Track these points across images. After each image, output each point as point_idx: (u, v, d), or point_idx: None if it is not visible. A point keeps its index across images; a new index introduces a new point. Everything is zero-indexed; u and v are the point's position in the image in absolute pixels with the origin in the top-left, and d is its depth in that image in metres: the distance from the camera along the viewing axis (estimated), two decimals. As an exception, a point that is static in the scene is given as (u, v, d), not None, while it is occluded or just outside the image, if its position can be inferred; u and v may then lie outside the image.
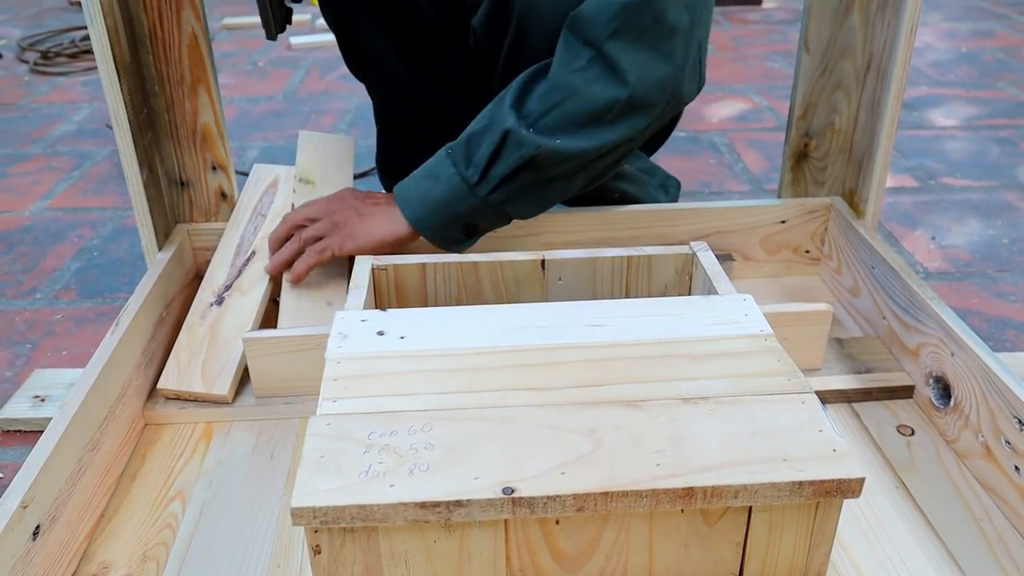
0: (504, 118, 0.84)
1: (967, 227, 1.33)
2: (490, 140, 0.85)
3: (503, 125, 0.84)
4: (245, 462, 0.81)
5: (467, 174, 0.86)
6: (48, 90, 2.05)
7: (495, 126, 0.85)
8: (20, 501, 0.62)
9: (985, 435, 0.76)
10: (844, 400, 0.88)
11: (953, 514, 0.74)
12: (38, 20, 2.67)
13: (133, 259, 1.26)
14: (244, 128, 1.78)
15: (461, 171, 0.86)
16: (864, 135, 1.02)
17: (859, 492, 0.54)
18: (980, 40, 2.32)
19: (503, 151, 0.85)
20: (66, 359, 1.03)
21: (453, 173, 0.86)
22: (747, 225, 1.07)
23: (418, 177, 0.89)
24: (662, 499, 0.53)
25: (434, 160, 0.89)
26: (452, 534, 0.55)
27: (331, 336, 0.69)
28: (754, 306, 0.72)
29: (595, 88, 0.82)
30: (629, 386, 0.62)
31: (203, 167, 1.02)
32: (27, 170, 1.60)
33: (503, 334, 0.68)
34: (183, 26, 0.94)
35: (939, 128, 1.73)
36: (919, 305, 0.86)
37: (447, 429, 0.58)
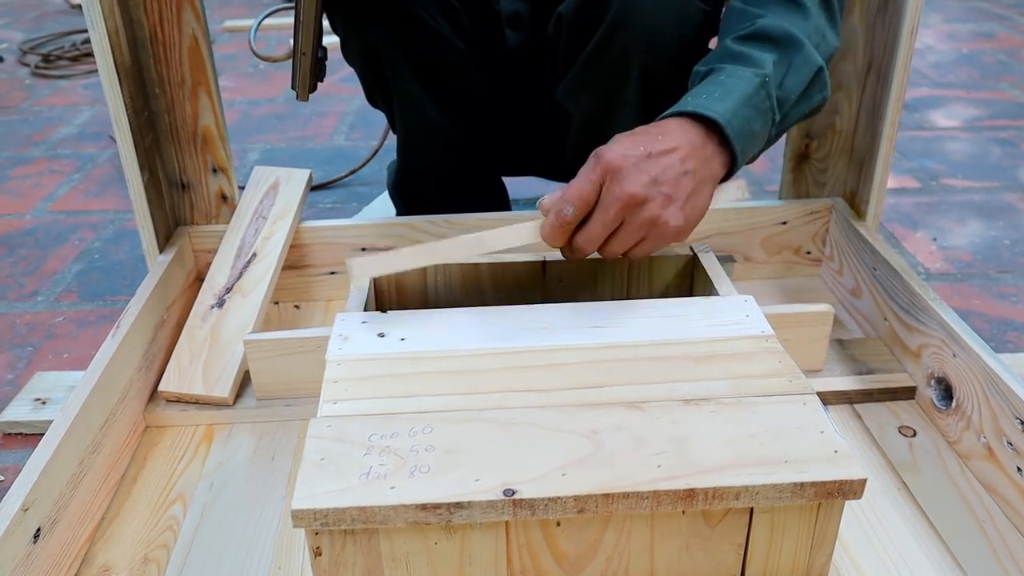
0: (813, 54, 0.77)
1: (968, 228, 1.33)
2: (801, 75, 0.77)
3: (816, 62, 0.77)
4: (246, 464, 0.81)
5: (776, 111, 0.76)
6: (49, 93, 2.06)
7: (806, 59, 0.77)
8: (21, 504, 0.62)
9: (987, 436, 0.75)
10: (845, 401, 0.88)
11: (955, 515, 0.73)
12: (39, 23, 2.67)
13: (134, 261, 1.26)
14: (245, 131, 1.78)
15: (773, 104, 0.75)
16: (865, 136, 1.02)
17: (861, 493, 0.54)
18: (981, 41, 2.32)
19: (810, 90, 0.78)
20: (67, 362, 1.03)
21: (768, 107, 0.75)
22: (748, 226, 1.07)
23: (740, 104, 0.72)
24: (663, 501, 0.53)
25: (749, 85, 0.74)
26: (453, 536, 0.55)
27: (332, 338, 0.68)
28: (755, 307, 0.72)
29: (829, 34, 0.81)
30: (630, 387, 0.62)
31: (204, 169, 1.02)
32: (28, 173, 1.60)
33: (504, 336, 0.68)
34: (184, 28, 0.94)
35: (940, 129, 1.73)
36: (920, 306, 0.86)
37: (448, 431, 0.58)
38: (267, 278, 0.95)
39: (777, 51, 0.76)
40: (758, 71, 0.74)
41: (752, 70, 0.74)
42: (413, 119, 1.05)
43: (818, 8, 0.81)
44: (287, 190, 1.05)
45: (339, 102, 1.94)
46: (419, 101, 1.02)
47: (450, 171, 1.10)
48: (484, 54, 1.04)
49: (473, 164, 1.12)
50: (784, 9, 0.79)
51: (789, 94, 0.77)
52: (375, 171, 1.52)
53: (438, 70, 1.00)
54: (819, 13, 0.81)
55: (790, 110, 0.78)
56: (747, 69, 0.75)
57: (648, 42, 0.88)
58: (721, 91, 0.73)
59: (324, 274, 1.06)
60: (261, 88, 2.06)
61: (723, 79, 0.74)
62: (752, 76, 0.74)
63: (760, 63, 0.75)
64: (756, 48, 0.76)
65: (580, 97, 0.97)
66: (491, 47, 1.05)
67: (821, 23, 0.80)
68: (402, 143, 1.10)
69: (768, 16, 0.78)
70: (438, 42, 0.98)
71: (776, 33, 0.77)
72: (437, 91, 1.02)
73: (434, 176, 1.11)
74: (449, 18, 0.98)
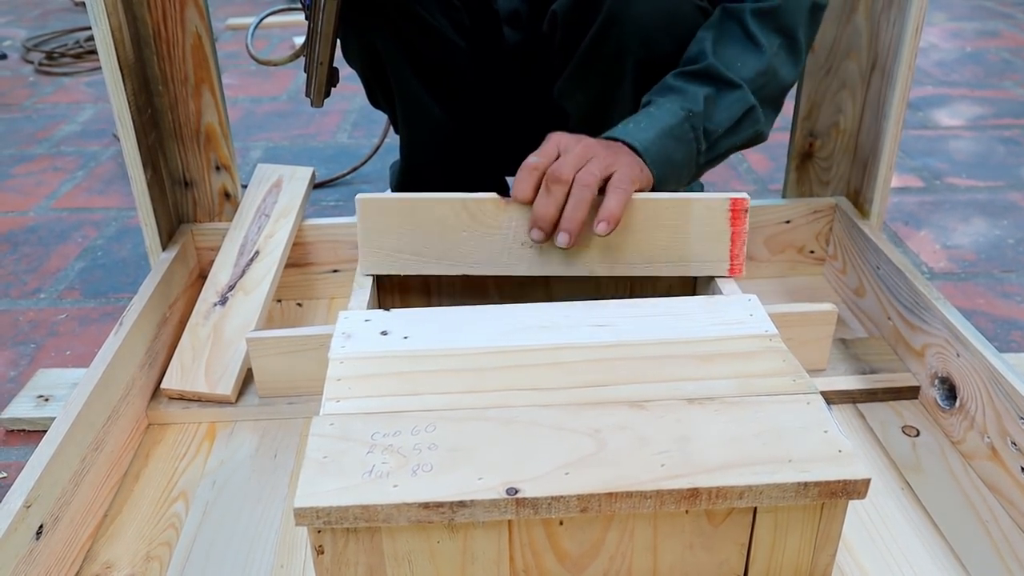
0: (747, 95, 0.84)
1: (972, 227, 1.32)
2: (732, 112, 0.84)
3: (748, 101, 0.84)
4: (248, 462, 0.81)
5: (701, 141, 0.83)
6: (52, 90, 2.06)
7: (738, 98, 0.84)
8: (24, 500, 0.62)
9: (991, 436, 0.75)
10: (849, 401, 0.87)
11: (958, 515, 0.73)
12: (43, 21, 2.67)
13: (137, 259, 1.26)
14: (248, 128, 1.78)
15: (699, 137, 0.83)
16: (869, 135, 1.02)
17: (865, 493, 0.54)
18: (985, 40, 2.32)
19: (740, 125, 0.85)
20: (70, 359, 1.04)
21: (691, 139, 0.83)
22: (752, 225, 1.07)
23: (660, 135, 0.81)
24: (667, 500, 0.53)
25: (673, 117, 0.82)
26: (455, 535, 0.55)
27: (334, 336, 0.68)
28: (759, 306, 0.72)
29: (785, 70, 0.87)
30: (633, 386, 0.62)
31: (207, 167, 1.02)
32: (31, 170, 1.60)
33: (507, 334, 0.68)
34: (187, 26, 0.94)
35: (944, 128, 1.73)
36: (924, 305, 0.86)
37: (451, 429, 0.57)
38: (270, 276, 0.95)
39: (712, 87, 0.84)
40: (685, 105, 0.82)
41: (680, 103, 0.82)
42: (415, 118, 1.05)
43: (777, 45, 0.87)
44: (290, 188, 1.05)
45: (341, 100, 1.94)
46: (421, 100, 1.02)
47: (453, 169, 1.10)
48: (484, 53, 1.04)
49: (475, 162, 1.12)
50: (740, 47, 0.86)
51: (717, 127, 0.84)
52: (378, 169, 1.52)
53: (439, 69, 1.00)
54: (777, 50, 0.87)
55: (718, 140, 0.85)
56: (676, 103, 0.82)
57: (642, 38, 0.88)
58: (647, 122, 0.82)
59: (327, 272, 1.06)
60: (264, 86, 2.06)
61: (652, 111, 0.83)
62: (678, 109, 0.82)
63: (692, 97, 0.83)
64: (692, 84, 0.84)
65: (576, 94, 0.98)
66: (490, 46, 1.05)
67: (776, 61, 0.87)
68: (404, 142, 1.10)
69: (716, 58, 0.85)
70: (439, 41, 0.97)
71: (715, 73, 0.84)
72: (438, 90, 1.02)
73: (437, 175, 1.10)
74: (449, 16, 0.97)
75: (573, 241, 0.75)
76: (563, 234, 0.75)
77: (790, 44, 0.87)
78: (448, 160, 1.09)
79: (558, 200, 0.75)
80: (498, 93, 1.09)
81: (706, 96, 0.83)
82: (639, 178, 0.78)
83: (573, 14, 0.91)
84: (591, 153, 0.77)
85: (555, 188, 0.75)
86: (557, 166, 0.76)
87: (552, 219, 0.75)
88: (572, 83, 0.97)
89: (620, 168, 0.77)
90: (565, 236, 0.75)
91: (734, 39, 0.86)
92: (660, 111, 0.82)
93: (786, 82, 0.88)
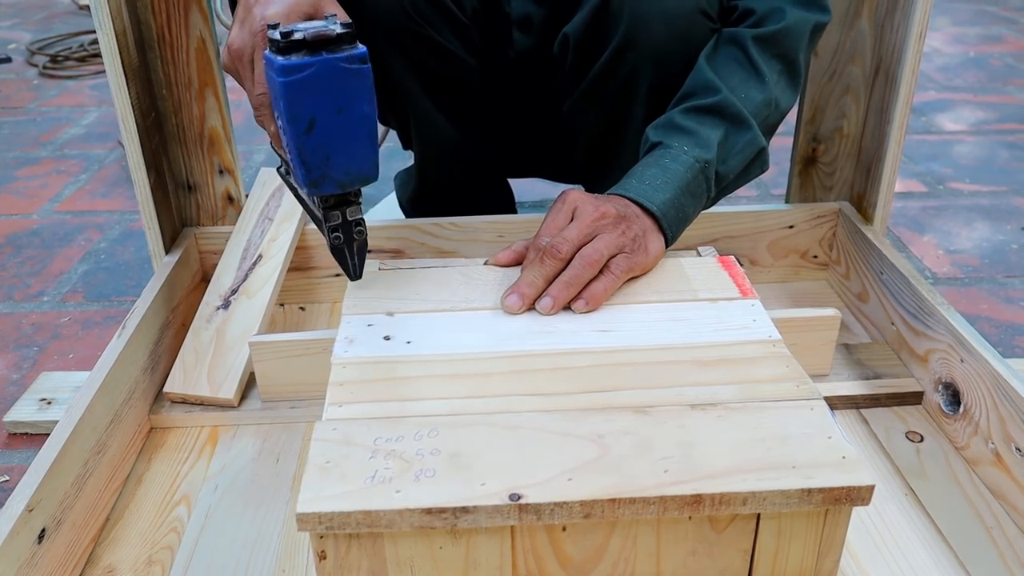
0: (758, 136, 0.83)
1: (976, 232, 1.32)
2: (744, 156, 0.83)
3: (759, 143, 0.84)
4: (250, 466, 0.81)
5: (712, 190, 0.83)
6: (57, 94, 2.06)
7: (750, 141, 0.83)
8: (26, 504, 0.62)
9: (995, 442, 0.75)
10: (852, 406, 0.87)
11: (963, 522, 0.73)
12: (47, 24, 2.68)
13: (140, 262, 1.27)
14: (251, 132, 1.78)
15: (710, 187, 0.82)
16: (873, 140, 1.01)
17: (869, 499, 0.54)
18: (989, 45, 2.32)
19: (750, 168, 0.85)
20: (73, 362, 1.04)
21: (704, 190, 0.82)
22: (755, 230, 1.06)
23: (677, 194, 0.79)
24: (670, 506, 0.53)
25: (689, 172, 0.80)
26: (458, 541, 0.55)
27: (337, 340, 0.68)
28: (762, 311, 0.72)
29: (785, 98, 0.87)
30: (637, 392, 0.62)
31: (210, 171, 1.02)
32: (35, 173, 1.60)
33: (510, 339, 0.68)
34: (191, 30, 0.94)
35: (947, 133, 1.73)
36: (928, 310, 0.85)
37: (453, 435, 0.57)
38: (273, 279, 0.95)
39: (723, 127, 0.82)
40: (698, 153, 0.80)
41: (693, 152, 0.80)
42: (427, 136, 1.05)
43: (778, 74, 0.86)
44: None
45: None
46: (431, 117, 1.02)
47: (465, 183, 1.10)
48: (493, 64, 1.04)
49: (486, 174, 1.12)
50: (744, 76, 0.84)
51: (729, 172, 0.83)
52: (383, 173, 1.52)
53: (449, 87, 1.00)
54: (778, 80, 0.86)
55: (728, 185, 0.85)
56: (690, 152, 0.80)
57: (657, 62, 0.88)
58: (663, 179, 0.79)
59: (329, 276, 1.06)
60: (267, 89, 2.06)
61: (668, 164, 0.80)
62: (693, 161, 0.80)
63: (704, 143, 0.81)
64: (704, 125, 0.82)
65: (588, 114, 0.98)
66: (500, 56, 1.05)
67: (778, 92, 0.86)
68: (419, 160, 1.10)
69: (726, 90, 0.83)
70: (448, 59, 0.97)
71: (727, 110, 0.82)
72: (449, 107, 1.02)
73: (451, 189, 1.11)
74: (458, 34, 0.97)
75: (556, 309, 0.71)
76: (547, 298, 0.71)
77: (790, 70, 0.87)
78: (461, 174, 1.09)
79: (548, 275, 0.72)
80: (505, 99, 1.09)
81: (719, 141, 0.82)
82: (641, 266, 0.75)
83: (585, 37, 0.91)
84: (600, 229, 0.74)
85: (549, 262, 0.72)
86: (559, 240, 0.73)
87: (538, 290, 0.72)
88: (584, 102, 0.96)
89: (626, 254, 0.74)
90: (549, 301, 0.71)
91: (739, 68, 0.85)
92: (675, 164, 0.80)
93: (785, 111, 0.88)
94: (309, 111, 0.61)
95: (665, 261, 0.79)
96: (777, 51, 0.85)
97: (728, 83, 0.83)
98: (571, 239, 0.73)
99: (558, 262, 0.72)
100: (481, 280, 0.76)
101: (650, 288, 0.75)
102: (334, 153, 0.64)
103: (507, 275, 0.76)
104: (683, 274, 0.77)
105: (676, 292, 0.74)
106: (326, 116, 0.62)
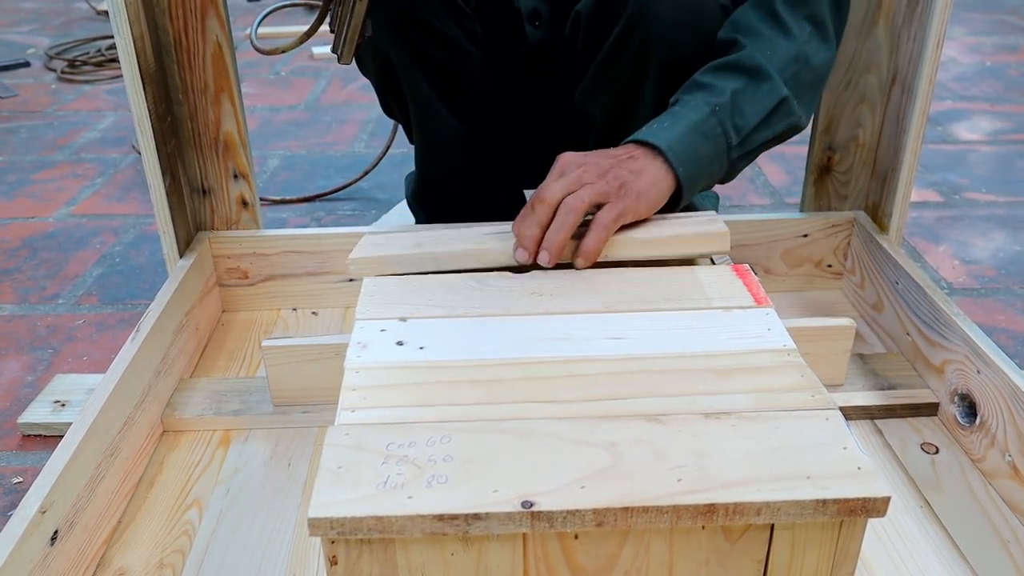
0: (779, 86, 0.83)
1: (992, 242, 1.31)
2: (762, 105, 0.83)
3: (780, 92, 0.83)
4: (262, 471, 0.81)
5: (731, 136, 0.82)
6: (74, 98, 2.08)
7: (769, 90, 0.83)
8: (39, 506, 0.62)
9: (1012, 455, 0.74)
10: (867, 417, 0.86)
11: (979, 534, 0.72)
12: (66, 29, 2.70)
13: (154, 266, 1.27)
14: (265, 137, 1.79)
15: (728, 131, 0.82)
16: (888, 149, 1.01)
17: (884, 511, 0.53)
18: (1005, 54, 2.30)
19: (772, 118, 0.84)
20: (87, 364, 1.04)
21: (720, 133, 0.81)
22: (769, 239, 1.06)
23: (685, 131, 0.80)
24: (683, 515, 0.53)
25: (697, 113, 0.81)
26: (470, 547, 0.54)
27: (350, 346, 0.68)
28: (777, 320, 0.71)
29: (818, 55, 0.86)
30: (650, 400, 0.61)
31: (225, 175, 1.02)
32: (52, 176, 1.62)
33: (523, 346, 0.68)
34: (207, 35, 0.95)
35: (964, 143, 1.72)
36: (944, 321, 0.85)
37: (466, 441, 0.57)
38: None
39: (742, 80, 0.82)
40: (710, 99, 0.81)
41: (705, 98, 0.81)
42: (429, 126, 1.05)
43: (808, 30, 0.86)
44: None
45: (359, 110, 1.95)
46: (434, 108, 1.03)
47: (468, 177, 1.10)
48: (501, 57, 1.04)
49: (491, 170, 1.12)
50: (770, 32, 0.85)
51: (748, 120, 0.82)
52: (394, 178, 1.52)
53: (452, 76, 1.01)
54: (809, 35, 0.86)
55: (751, 135, 0.83)
56: (701, 98, 0.81)
57: (666, 37, 0.88)
58: (671, 120, 0.81)
59: (343, 281, 1.06)
60: (282, 95, 2.08)
61: (677, 109, 0.82)
62: (703, 105, 0.81)
63: (719, 91, 0.81)
64: (721, 78, 0.83)
65: (599, 96, 0.97)
66: (509, 49, 1.05)
67: (808, 47, 0.86)
68: (419, 151, 1.10)
69: (749, 46, 0.83)
70: (450, 48, 0.98)
71: (746, 64, 0.83)
72: (452, 97, 1.03)
73: (452, 183, 1.10)
74: (460, 24, 0.98)
75: (553, 260, 0.75)
76: (544, 252, 0.75)
77: (820, 31, 0.86)
78: (462, 167, 1.09)
79: (540, 220, 0.75)
80: (514, 99, 1.09)
81: (734, 90, 0.82)
82: (632, 210, 0.77)
83: (597, 14, 0.92)
84: (587, 179, 0.77)
85: (539, 208, 0.76)
86: (545, 187, 0.77)
87: (534, 238, 0.75)
88: (595, 84, 0.96)
89: (612, 201, 0.76)
90: (545, 255, 0.75)
91: (764, 25, 0.85)
92: (684, 108, 0.81)
93: (820, 68, 0.87)
94: None
95: (679, 270, 0.78)
96: (806, 12, 0.85)
97: (753, 40, 0.84)
98: (557, 188, 0.76)
99: (547, 207, 0.75)
100: (494, 286, 0.76)
101: (664, 296, 0.75)
102: None
103: (521, 282, 0.76)
104: (697, 282, 0.77)
105: (690, 300, 0.74)
106: None
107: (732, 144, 0.82)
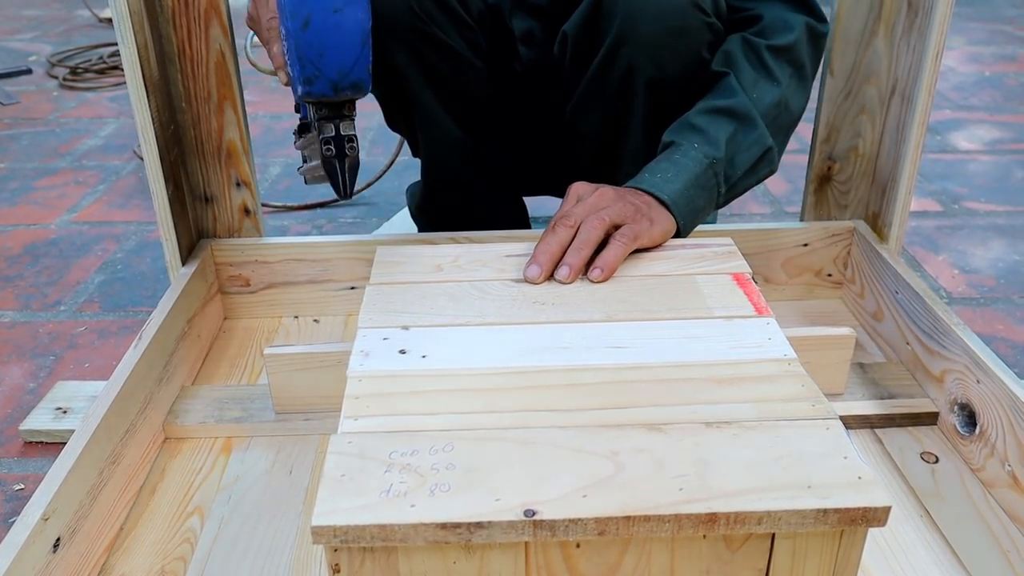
0: (765, 135, 0.88)
1: (992, 252, 1.32)
2: (750, 154, 0.88)
3: (766, 142, 0.88)
4: (264, 478, 0.81)
5: (722, 186, 0.87)
6: (76, 105, 2.08)
7: (757, 139, 0.88)
8: (41, 513, 0.62)
9: (1012, 464, 0.74)
10: (867, 426, 0.87)
11: (979, 544, 0.72)
12: (68, 36, 2.71)
13: (156, 273, 1.27)
14: (267, 144, 1.80)
15: (720, 182, 0.87)
16: (888, 159, 1.01)
17: (885, 521, 0.54)
18: (1004, 64, 2.31)
19: (758, 166, 0.89)
20: (89, 371, 1.04)
21: (714, 184, 0.87)
22: (769, 248, 1.06)
23: (687, 186, 0.84)
24: (684, 524, 0.53)
25: (698, 166, 0.85)
26: (472, 556, 0.55)
27: (353, 354, 0.69)
28: (777, 330, 0.72)
29: (796, 100, 0.93)
30: (651, 409, 0.62)
31: (227, 183, 1.03)
32: (54, 183, 1.62)
33: (525, 354, 0.68)
34: (211, 44, 0.95)
35: (963, 152, 1.72)
36: (943, 330, 0.85)
37: (468, 449, 0.57)
38: None
39: (732, 124, 0.87)
40: (709, 152, 0.86)
41: (704, 150, 0.86)
42: (434, 138, 1.06)
43: (789, 77, 0.91)
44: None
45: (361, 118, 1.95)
46: (439, 119, 1.03)
47: (472, 188, 1.11)
48: (500, 72, 1.05)
49: (494, 180, 1.12)
50: (756, 76, 0.90)
51: (737, 170, 0.88)
52: (396, 186, 1.53)
53: (457, 88, 1.01)
54: (790, 82, 0.91)
55: (737, 182, 0.89)
56: (700, 149, 0.86)
57: (652, 57, 0.90)
58: (674, 172, 0.85)
59: (344, 289, 1.07)
60: (284, 103, 2.08)
61: (678, 159, 0.86)
62: (702, 157, 0.86)
63: (714, 142, 0.86)
64: (714, 123, 0.87)
65: (589, 115, 0.99)
66: (507, 66, 1.06)
67: (788, 93, 0.91)
68: (425, 162, 1.11)
69: (741, 92, 0.88)
70: (455, 60, 0.99)
71: (740, 111, 0.88)
72: (456, 109, 1.03)
73: (457, 194, 1.11)
74: (464, 36, 0.99)
75: (574, 275, 0.76)
76: (564, 267, 0.76)
77: (800, 74, 0.92)
78: (467, 178, 1.10)
79: (562, 240, 0.77)
80: (515, 113, 1.10)
81: (727, 139, 0.87)
82: (647, 234, 0.80)
83: (583, 34, 0.93)
84: (604, 203, 0.79)
85: (560, 229, 0.77)
86: (567, 210, 0.79)
87: (554, 257, 0.76)
88: (584, 103, 0.97)
89: (629, 223, 0.79)
90: (566, 269, 0.76)
91: (753, 70, 0.90)
92: (685, 159, 0.85)
93: (796, 113, 0.93)
94: (306, 9, 0.68)
95: (680, 279, 0.79)
96: (788, 58, 0.91)
97: (743, 83, 0.88)
98: (580, 212, 0.79)
99: (569, 229, 0.77)
100: (497, 295, 0.77)
101: (665, 305, 0.75)
102: (328, 51, 0.70)
103: (523, 290, 0.77)
104: (698, 292, 0.77)
105: (691, 310, 0.74)
106: (321, 14, 0.68)
107: (721, 192, 0.88)
